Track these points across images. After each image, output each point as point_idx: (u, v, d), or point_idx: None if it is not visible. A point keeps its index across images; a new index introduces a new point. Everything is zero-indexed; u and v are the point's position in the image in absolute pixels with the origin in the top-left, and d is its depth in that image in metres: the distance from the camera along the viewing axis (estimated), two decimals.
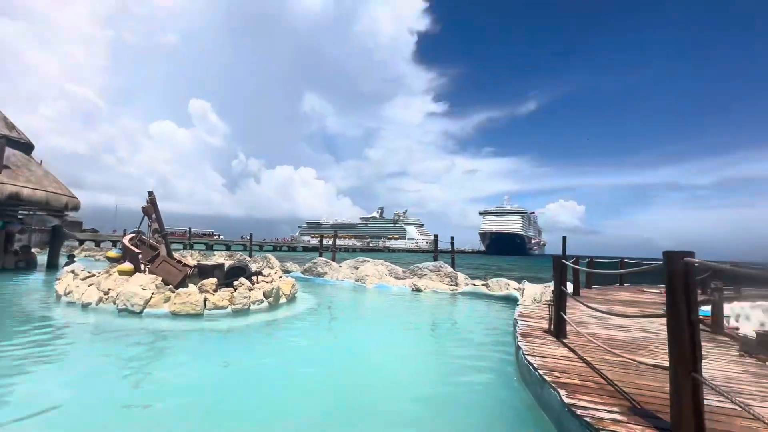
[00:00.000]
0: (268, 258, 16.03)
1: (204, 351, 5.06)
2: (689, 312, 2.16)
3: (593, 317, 6.29)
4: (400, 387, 4.03)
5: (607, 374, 3.34)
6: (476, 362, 4.87)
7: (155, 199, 8.87)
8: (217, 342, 5.45)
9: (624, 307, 7.94)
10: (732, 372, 3.66)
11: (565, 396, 2.79)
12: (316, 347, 5.52)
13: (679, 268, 2.21)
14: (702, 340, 4.70)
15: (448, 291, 11.51)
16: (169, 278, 7.58)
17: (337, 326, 7.05)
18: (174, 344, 5.24)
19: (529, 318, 5.98)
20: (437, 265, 13.08)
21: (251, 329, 6.17)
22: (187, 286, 7.51)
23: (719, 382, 3.31)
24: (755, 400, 2.91)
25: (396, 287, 11.90)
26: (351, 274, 13.56)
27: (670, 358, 2.22)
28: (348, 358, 5.10)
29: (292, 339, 5.81)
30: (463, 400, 3.64)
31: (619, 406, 2.64)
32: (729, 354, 4.31)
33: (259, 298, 7.59)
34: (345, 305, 9.38)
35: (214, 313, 6.78)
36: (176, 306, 6.60)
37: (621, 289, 11.74)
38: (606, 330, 5.42)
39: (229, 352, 5.00)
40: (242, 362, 4.64)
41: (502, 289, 10.80)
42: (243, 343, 5.50)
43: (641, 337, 5.05)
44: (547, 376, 3.22)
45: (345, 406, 3.49)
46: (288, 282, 9.04)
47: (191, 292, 6.84)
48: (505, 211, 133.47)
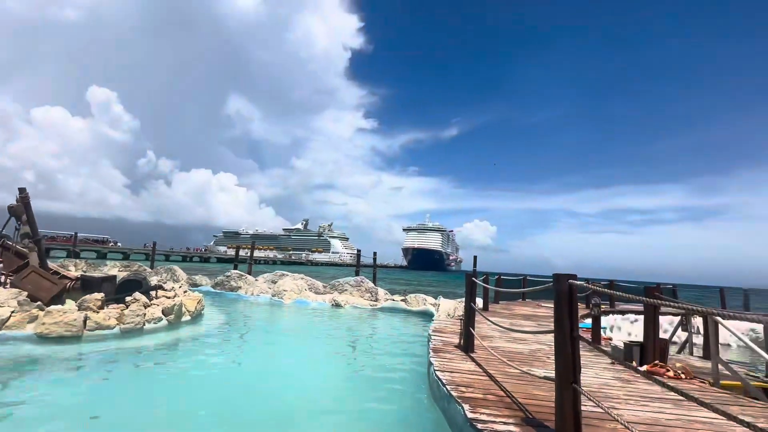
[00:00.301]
0: (173, 270, 14.47)
1: (76, 382, 4.26)
2: (572, 329, 2.42)
3: (498, 331, 6.79)
4: (308, 410, 3.85)
5: (506, 386, 3.59)
6: (390, 379, 4.89)
7: (28, 197, 7.45)
8: (96, 369, 4.65)
9: (524, 320, 8.75)
10: (605, 378, 4.20)
11: (468, 411, 2.91)
12: (219, 371, 5.04)
13: (564, 289, 2.48)
14: (584, 349, 5.32)
15: (368, 306, 11.54)
16: (38, 293, 6.35)
17: (245, 347, 6.55)
18: (36, 376, 4.32)
19: (442, 333, 6.23)
20: (358, 280, 13.08)
21: (142, 353, 5.42)
22: (64, 302, 6.37)
23: (595, 388, 3.78)
24: (621, 403, 3.37)
25: (315, 303, 11.57)
26: (268, 288, 12.85)
27: (556, 370, 2.46)
28: (253, 383, 4.73)
29: (191, 362, 5.23)
30: (374, 419, 3.60)
31: (515, 418, 2.84)
32: (604, 362, 4.97)
33: (156, 315, 6.74)
34: (257, 323, 8.81)
35: (97, 335, 5.82)
36: (45, 327, 5.52)
37: (523, 304, 12.96)
38: (508, 343, 5.88)
39: (110, 381, 4.30)
40: (123, 395, 4.02)
41: (420, 304, 11.16)
42: (130, 370, 4.77)
43: (537, 349, 5.57)
44: (454, 392, 3.34)
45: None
46: (194, 297, 8.20)
47: (67, 309, 5.80)
48: (427, 229, 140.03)
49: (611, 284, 13.30)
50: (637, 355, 4.97)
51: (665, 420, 3.02)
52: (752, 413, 3.38)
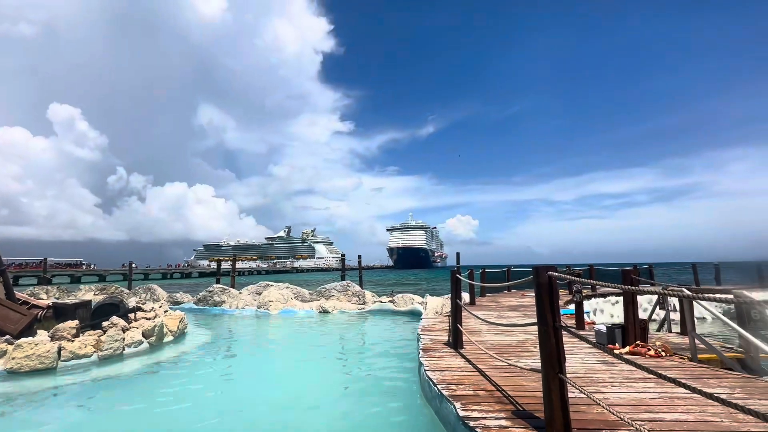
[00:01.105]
0: (152, 289, 14.02)
1: (55, 417, 4.05)
2: (554, 320, 2.46)
3: (485, 325, 6.87)
4: (303, 422, 3.78)
5: (496, 380, 3.63)
6: (382, 381, 4.87)
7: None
8: (74, 402, 4.42)
9: (511, 311, 8.89)
10: (590, 363, 4.31)
11: (460, 409, 2.93)
12: (208, 392, 4.88)
13: (544, 281, 2.52)
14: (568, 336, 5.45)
15: (357, 310, 11.49)
16: (6, 326, 6.02)
17: (232, 364, 6.40)
18: (10, 414, 4.08)
19: (431, 332, 6.26)
20: (344, 284, 13.00)
21: (124, 379, 5.21)
22: (35, 333, 6.05)
23: (581, 374, 3.87)
24: (606, 387, 3.46)
25: (303, 311, 11.43)
26: (253, 300, 12.62)
27: (541, 361, 2.49)
28: (245, 399, 4.62)
29: (176, 386, 5.05)
30: (368, 424, 3.57)
31: (505, 411, 2.87)
32: (588, 347, 5.09)
33: (136, 339, 6.50)
34: (245, 337, 8.62)
35: (73, 365, 5.56)
36: (16, 361, 5.23)
37: (508, 295, 13.18)
38: (496, 336, 5.95)
39: (90, 414, 4.11)
40: (107, 425, 3.85)
41: (407, 304, 11.19)
42: (109, 400, 4.54)
43: (524, 340, 5.66)
44: (445, 390, 3.36)
45: None
46: (175, 316, 7.96)
47: (39, 341, 5.51)
48: (411, 227, 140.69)
49: (591, 269, 13.69)
50: (619, 338, 5.12)
51: (649, 399, 3.12)
52: (728, 383, 3.53)
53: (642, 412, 2.85)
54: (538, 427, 2.56)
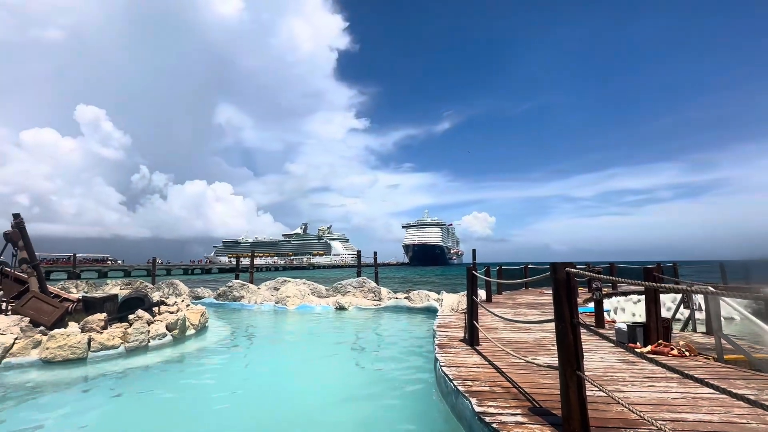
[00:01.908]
0: (174, 284, 14.44)
1: (86, 405, 4.25)
2: (572, 316, 2.44)
3: (503, 322, 6.81)
4: (321, 415, 3.86)
5: (513, 377, 3.61)
6: (397, 378, 4.91)
7: (23, 222, 7.43)
8: (104, 391, 4.63)
9: (528, 309, 8.78)
10: (610, 361, 4.23)
11: (476, 404, 2.93)
12: (229, 383, 5.03)
13: (562, 278, 2.49)
14: (587, 334, 5.34)
15: (372, 306, 11.56)
16: (40, 318, 6.34)
17: (254, 357, 6.56)
18: (45, 401, 4.30)
19: (447, 328, 6.25)
20: (360, 281, 13.09)
21: (149, 371, 5.41)
22: (66, 325, 6.35)
23: (600, 372, 3.81)
24: (626, 386, 3.39)
25: (319, 307, 11.58)
26: (271, 296, 12.85)
27: (558, 358, 2.47)
28: (265, 391, 4.74)
29: (200, 377, 5.23)
30: (384, 419, 3.62)
31: (522, 408, 2.85)
32: (608, 345, 5.00)
33: (161, 331, 6.73)
34: (263, 331, 8.81)
35: (102, 355, 5.82)
36: (50, 351, 5.51)
37: (525, 292, 13.00)
38: (513, 333, 5.90)
39: (119, 402, 4.30)
40: (137, 413, 4.02)
41: (423, 300, 11.18)
42: (137, 389, 4.74)
43: (542, 337, 5.59)
44: (461, 386, 3.36)
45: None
46: (197, 310, 8.20)
47: (70, 332, 5.78)
48: (426, 224, 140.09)
49: (612, 267, 13.36)
50: (640, 336, 5.00)
51: (671, 399, 3.05)
52: (756, 385, 3.41)
53: (663, 411, 2.79)
54: (555, 423, 2.54)
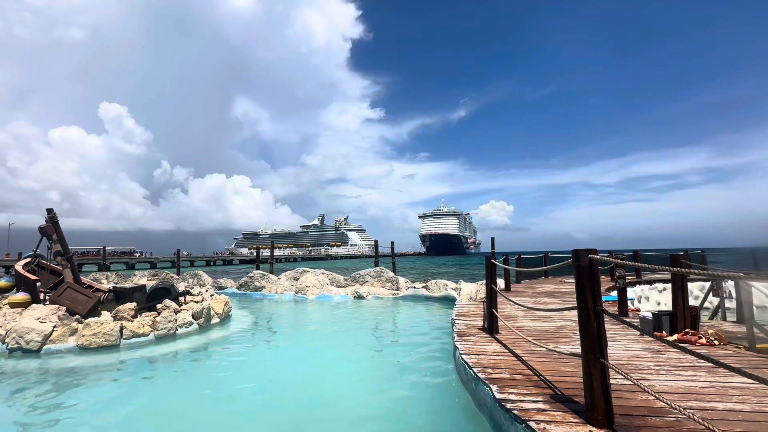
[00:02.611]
0: (198, 275, 14.90)
1: (122, 389, 4.48)
2: (595, 303, 2.39)
3: (522, 311, 6.76)
4: (341, 401, 3.95)
5: (533, 365, 3.59)
6: (417, 366, 4.96)
7: (56, 217, 7.77)
8: (137, 377, 4.87)
9: (548, 298, 8.66)
10: (634, 350, 4.15)
11: (496, 391, 2.94)
12: (254, 369, 5.21)
13: (584, 265, 2.44)
14: (611, 323, 5.24)
15: (390, 296, 11.64)
16: (75, 307, 6.67)
17: (276, 344, 6.74)
18: (84, 385, 4.56)
19: (465, 317, 6.25)
20: (378, 270, 13.18)
21: (179, 357, 5.64)
22: (99, 314, 6.66)
23: (624, 361, 3.74)
24: (652, 374, 3.33)
25: (338, 296, 11.75)
26: (291, 286, 13.11)
27: (581, 346, 2.44)
28: (288, 377, 4.88)
29: (226, 363, 5.42)
30: (405, 406, 3.68)
31: (543, 395, 2.84)
32: (633, 334, 4.90)
33: (187, 320, 6.99)
34: (284, 320, 9.02)
35: (134, 342, 6.09)
36: (86, 338, 5.81)
37: (545, 281, 12.82)
38: (533, 322, 5.85)
39: (151, 388, 4.51)
40: (167, 398, 4.22)
41: (441, 290, 11.19)
42: (167, 374, 4.97)
43: (563, 326, 5.53)
44: (481, 374, 3.37)
45: (288, 428, 3.33)
46: (221, 300, 8.45)
47: (104, 320, 6.07)
48: (443, 214, 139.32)
49: (636, 255, 13.00)
50: (666, 325, 4.87)
51: (699, 388, 2.98)
52: None
53: (691, 400, 2.73)
54: (578, 411, 2.52)
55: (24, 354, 5.61)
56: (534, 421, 2.41)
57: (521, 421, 2.44)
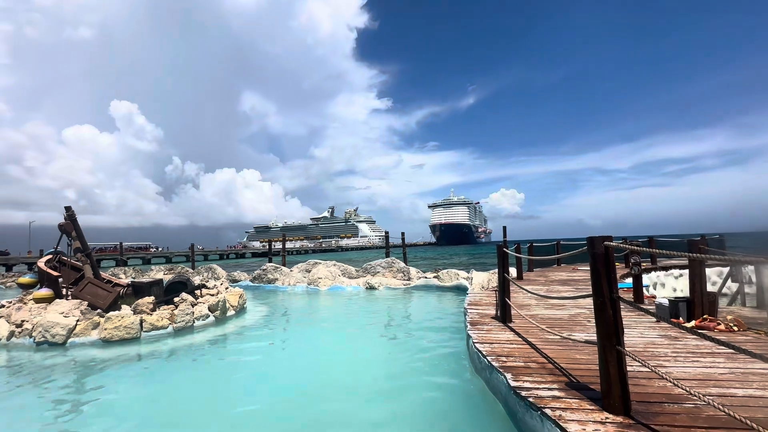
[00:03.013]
0: (212, 268, 15.17)
1: (144, 380, 4.63)
2: (611, 291, 2.37)
3: (535, 299, 6.73)
4: (356, 389, 4.01)
5: (548, 353, 3.59)
6: (429, 353, 5.00)
7: (74, 214, 7.97)
8: (158, 368, 5.02)
9: (561, 286, 8.60)
10: (650, 337, 4.11)
11: (511, 379, 2.95)
12: (270, 359, 5.32)
13: (600, 252, 2.42)
14: (626, 310, 5.19)
15: (402, 286, 11.70)
16: (96, 301, 6.87)
17: (291, 335, 6.85)
18: (108, 376, 4.71)
19: (478, 306, 6.25)
20: (389, 261, 13.23)
21: (197, 348, 5.78)
22: (120, 308, 6.86)
23: (641, 348, 3.71)
24: (669, 361, 3.30)
25: (350, 287, 11.85)
26: (303, 278, 13.26)
27: (597, 333, 2.43)
28: (303, 367, 4.97)
29: (243, 354, 5.55)
30: (419, 395, 3.71)
31: (558, 383, 2.85)
32: (648, 321, 4.84)
33: (204, 313, 7.15)
34: (298, 311, 9.16)
35: (154, 335, 6.27)
36: (108, 332, 5.99)
37: (558, 269, 12.71)
38: (546, 310, 5.82)
39: (172, 378, 4.65)
40: (187, 388, 4.34)
41: (453, 279, 11.19)
42: (187, 365, 5.10)
43: (577, 314, 5.49)
44: (495, 362, 3.38)
45: (304, 417, 3.41)
46: (235, 293, 8.61)
47: (124, 314, 6.24)
48: (453, 203, 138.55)
49: (651, 241, 12.77)
50: (683, 312, 4.80)
51: (718, 374, 2.94)
52: None
53: (710, 387, 2.70)
54: (594, 398, 2.52)
55: (50, 347, 5.82)
56: (550, 408, 2.42)
57: (536, 409, 2.45)
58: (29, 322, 6.19)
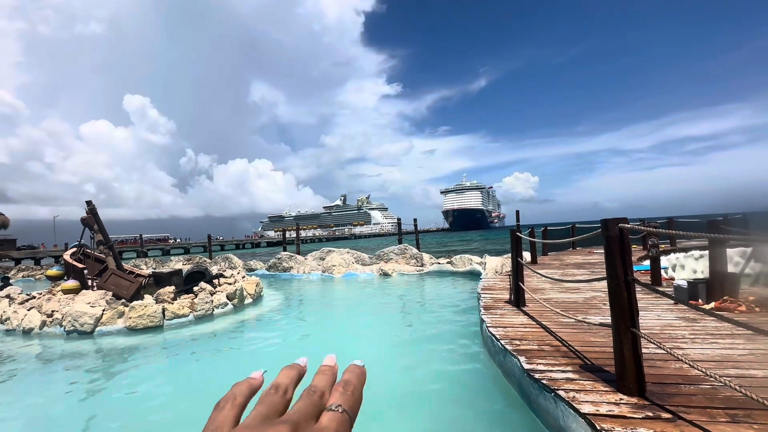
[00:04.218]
0: (229, 258, 15.50)
1: (168, 365, 4.84)
2: (626, 273, 2.34)
3: (549, 283, 6.69)
4: (373, 374, 4.08)
5: (562, 336, 3.59)
6: (444, 339, 5.05)
7: (95, 208, 8.22)
8: (181, 354, 5.21)
9: (576, 269, 8.51)
10: (668, 319, 4.06)
11: (524, 362, 2.97)
12: (287, 347, 5.46)
13: (614, 234, 2.38)
14: (643, 292, 5.11)
15: (415, 272, 11.75)
16: (120, 291, 7.13)
17: (306, 322, 7.01)
18: (135, 362, 4.94)
19: (491, 290, 6.25)
20: (402, 248, 13.27)
21: (217, 335, 5.98)
22: (142, 297, 7.11)
23: (657, 330, 3.67)
24: (686, 343, 3.26)
25: (364, 274, 11.97)
26: (317, 265, 13.44)
27: (611, 316, 2.42)
28: (321, 348, 5.08)
29: (261, 341, 5.71)
30: (434, 377, 3.78)
31: (572, 365, 2.85)
32: (666, 303, 4.77)
33: (222, 301, 7.35)
34: (313, 298, 9.33)
35: (175, 323, 6.49)
36: (132, 320, 6.24)
37: (573, 252, 12.55)
38: (561, 294, 5.79)
39: (194, 364, 4.83)
40: (210, 373, 4.51)
41: (466, 264, 11.18)
42: (209, 351, 5.29)
43: (591, 297, 5.44)
44: (508, 345, 3.40)
45: None
46: (252, 281, 8.81)
47: (147, 303, 6.48)
48: (465, 188, 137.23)
49: (670, 222, 12.47)
50: (703, 293, 4.71)
51: (738, 356, 2.90)
52: None
53: (728, 368, 2.67)
54: (609, 380, 2.52)
55: (80, 335, 6.10)
56: (563, 390, 2.44)
57: (550, 390, 2.47)
58: (59, 312, 6.48)
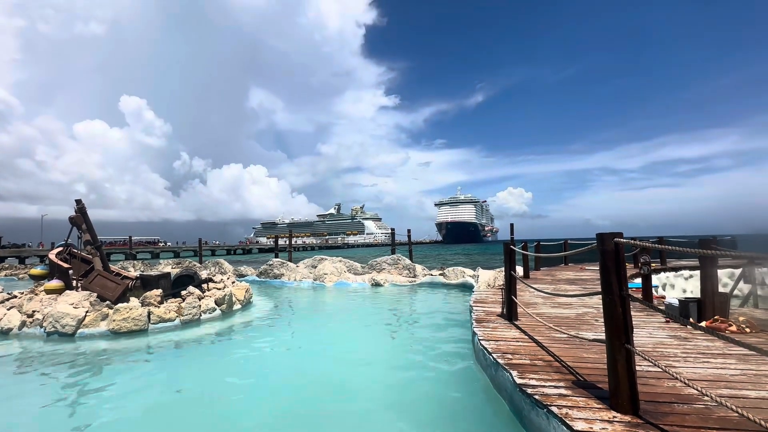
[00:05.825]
0: (219, 263, 15.29)
1: (151, 371, 4.67)
2: (620, 288, 2.33)
3: (542, 298, 6.67)
4: (361, 385, 4.01)
5: (554, 351, 3.55)
6: (434, 349, 4.98)
7: (84, 207, 8.07)
8: (165, 359, 5.06)
9: (568, 285, 8.52)
10: (659, 337, 4.04)
11: (516, 377, 2.92)
12: (275, 354, 5.33)
13: (609, 249, 2.37)
14: (635, 310, 5.12)
15: (408, 283, 11.68)
16: (105, 293, 6.96)
17: (296, 329, 6.87)
18: (115, 367, 4.77)
19: (484, 303, 6.21)
20: (395, 258, 13.22)
21: (203, 341, 5.83)
22: (128, 300, 6.93)
23: (649, 347, 3.65)
24: (678, 361, 3.24)
25: (355, 284, 11.86)
26: (309, 273, 13.31)
27: (606, 331, 2.39)
28: (308, 357, 4.99)
29: (248, 347, 5.57)
30: (423, 392, 3.70)
31: (565, 381, 2.81)
32: (657, 321, 4.77)
33: (210, 306, 7.20)
34: (303, 307, 9.19)
35: (161, 327, 6.33)
36: (116, 323, 6.07)
37: (565, 268, 12.59)
38: (553, 309, 5.77)
39: (178, 370, 4.69)
40: (194, 380, 4.37)
41: (458, 277, 11.14)
42: (194, 357, 5.15)
43: (584, 312, 5.43)
44: (500, 359, 3.35)
45: (307, 410, 3.41)
46: (242, 287, 8.66)
47: (132, 306, 6.31)
48: (459, 201, 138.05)
49: (660, 241, 12.59)
50: (694, 312, 4.72)
51: (729, 375, 2.88)
52: None
53: (721, 388, 2.65)
54: (602, 397, 2.48)
55: (60, 337, 5.91)
56: (556, 406, 2.39)
57: (542, 406, 2.42)
58: (40, 313, 6.29)
